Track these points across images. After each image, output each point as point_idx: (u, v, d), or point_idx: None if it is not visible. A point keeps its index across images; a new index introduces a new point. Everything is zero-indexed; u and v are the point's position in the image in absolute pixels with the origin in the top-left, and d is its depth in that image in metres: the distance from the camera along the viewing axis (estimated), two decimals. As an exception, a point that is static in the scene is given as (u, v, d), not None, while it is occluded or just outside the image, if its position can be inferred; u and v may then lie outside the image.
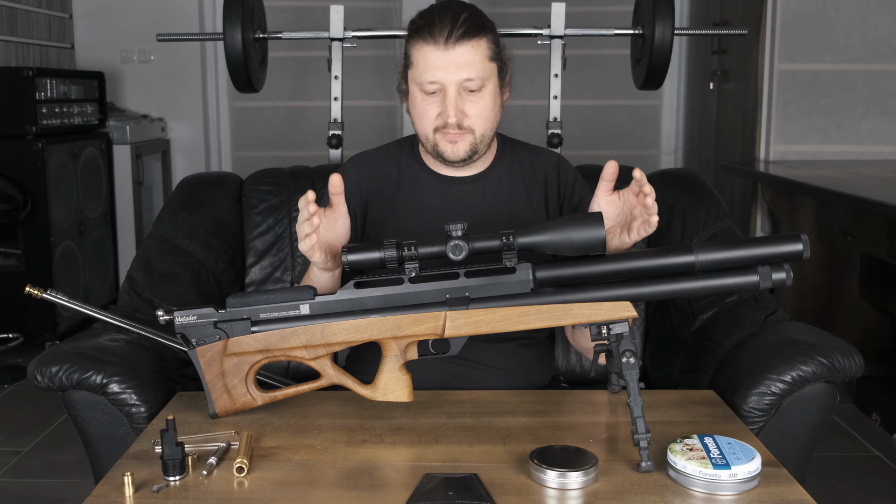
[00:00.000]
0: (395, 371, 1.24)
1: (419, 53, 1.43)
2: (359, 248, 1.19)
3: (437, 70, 1.41)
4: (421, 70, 1.43)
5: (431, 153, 1.50)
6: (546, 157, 1.61)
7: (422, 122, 1.47)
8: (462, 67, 1.41)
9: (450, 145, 1.46)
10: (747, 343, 1.51)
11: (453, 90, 1.42)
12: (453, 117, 1.42)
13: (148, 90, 4.82)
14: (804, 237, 1.15)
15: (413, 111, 1.48)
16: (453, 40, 1.40)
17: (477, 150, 1.47)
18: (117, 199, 4.28)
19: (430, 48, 1.41)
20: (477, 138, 1.46)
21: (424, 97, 1.45)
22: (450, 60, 1.40)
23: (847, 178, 3.31)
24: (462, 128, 1.44)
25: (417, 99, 1.46)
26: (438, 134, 1.46)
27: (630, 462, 1.12)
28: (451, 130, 1.44)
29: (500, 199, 1.54)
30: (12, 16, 4.13)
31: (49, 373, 1.36)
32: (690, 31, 3.04)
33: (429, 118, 1.45)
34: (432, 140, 1.47)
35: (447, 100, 1.42)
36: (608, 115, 5.19)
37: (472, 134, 1.45)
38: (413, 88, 1.46)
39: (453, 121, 1.42)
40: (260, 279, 1.92)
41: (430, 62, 1.41)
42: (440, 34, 1.40)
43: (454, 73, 1.41)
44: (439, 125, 1.44)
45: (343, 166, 1.60)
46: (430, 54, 1.41)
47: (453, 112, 1.42)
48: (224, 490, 1.06)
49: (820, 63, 3.88)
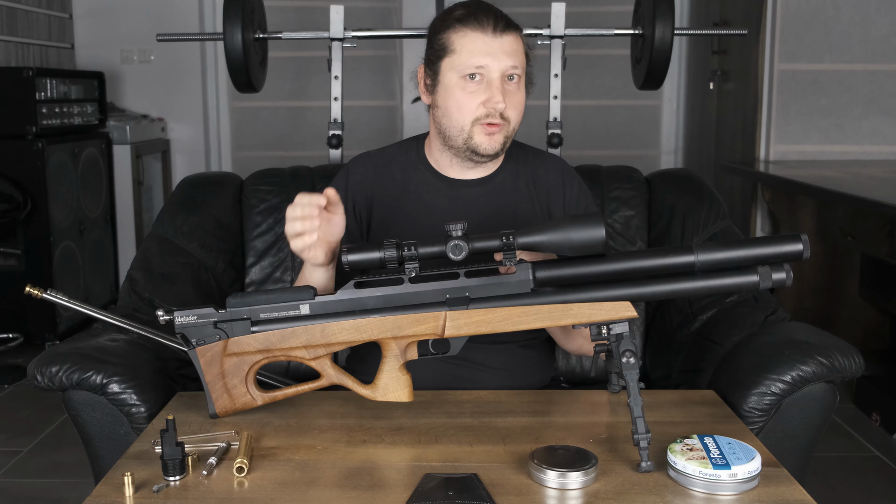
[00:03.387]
0: (395, 371, 1.24)
1: (463, 40, 1.41)
2: (359, 248, 1.19)
3: (484, 56, 1.40)
4: (466, 56, 1.41)
5: (461, 147, 1.46)
6: (551, 164, 1.60)
7: (461, 112, 1.43)
8: (509, 55, 1.41)
9: (487, 138, 1.43)
10: (747, 343, 1.51)
11: (497, 76, 1.41)
12: (501, 102, 1.40)
13: (148, 90, 4.82)
14: (804, 237, 1.15)
15: (448, 101, 1.44)
16: (500, 28, 1.41)
17: (506, 143, 1.47)
18: (117, 199, 4.28)
19: (478, 34, 1.41)
20: (510, 130, 1.45)
21: (466, 85, 1.42)
22: (498, 47, 1.40)
23: (847, 178, 3.32)
24: (502, 117, 1.43)
25: (455, 88, 1.43)
26: (477, 126, 1.43)
27: (630, 462, 1.12)
28: (493, 120, 1.42)
29: (506, 201, 1.54)
30: (12, 16, 4.13)
31: (49, 373, 1.36)
32: (690, 31, 3.04)
33: (470, 107, 1.42)
34: (467, 133, 1.44)
35: (493, 87, 1.40)
36: (608, 115, 5.19)
37: (507, 125, 1.44)
38: (450, 78, 1.43)
39: (502, 106, 1.40)
40: (260, 279, 1.92)
41: (477, 47, 1.40)
42: (487, 22, 1.41)
43: (502, 60, 1.40)
44: (481, 115, 1.42)
45: (346, 166, 1.59)
46: (477, 40, 1.41)
47: (501, 97, 1.40)
48: (224, 490, 1.06)
49: (820, 63, 3.88)
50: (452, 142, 1.46)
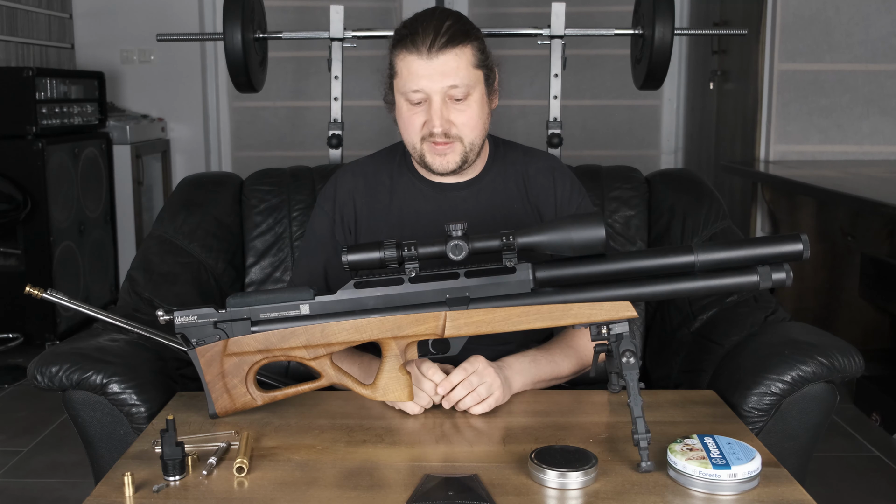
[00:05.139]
0: (395, 371, 1.24)
1: (402, 63, 1.41)
2: (359, 248, 1.19)
3: (420, 79, 1.39)
4: (405, 80, 1.41)
5: (420, 164, 1.49)
6: (542, 162, 1.60)
7: (408, 132, 1.45)
8: (446, 75, 1.39)
9: (438, 157, 1.45)
10: (747, 343, 1.51)
11: (438, 99, 1.40)
12: (438, 126, 1.41)
13: (148, 90, 4.82)
14: (804, 237, 1.15)
15: (399, 122, 1.47)
16: (436, 49, 1.38)
17: (467, 159, 1.46)
18: (117, 199, 4.28)
19: (413, 57, 1.39)
20: (466, 147, 1.45)
21: (410, 107, 1.43)
22: (433, 69, 1.39)
23: (847, 178, 3.31)
24: (449, 137, 1.43)
25: (403, 109, 1.44)
26: (426, 144, 1.44)
27: (630, 462, 1.12)
28: (438, 140, 1.42)
29: (496, 202, 1.54)
30: (12, 16, 4.13)
31: (49, 373, 1.36)
32: (690, 31, 3.03)
33: (414, 128, 1.44)
34: (419, 150, 1.46)
35: (432, 109, 1.41)
36: (608, 115, 5.19)
37: (460, 143, 1.44)
38: (398, 99, 1.45)
39: (438, 130, 1.41)
40: (260, 279, 1.92)
41: (413, 71, 1.40)
42: (422, 43, 1.39)
43: (438, 82, 1.39)
44: (425, 135, 1.43)
45: (334, 176, 1.59)
46: (412, 63, 1.40)
47: (438, 121, 1.40)
48: (224, 490, 1.06)
49: (820, 63, 3.88)
50: (413, 157, 1.49)
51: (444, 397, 1.29)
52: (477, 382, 1.28)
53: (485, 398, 1.29)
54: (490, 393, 1.29)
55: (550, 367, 1.44)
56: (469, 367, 1.29)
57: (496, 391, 1.29)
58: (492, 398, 1.29)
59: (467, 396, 1.28)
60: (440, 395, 1.29)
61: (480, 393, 1.28)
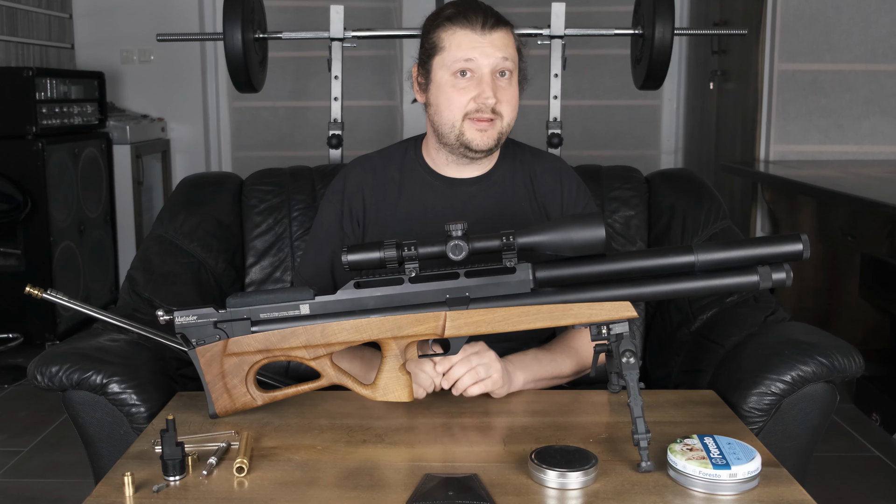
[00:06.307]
0: (395, 371, 1.24)
1: (452, 38, 1.43)
2: (359, 248, 1.19)
3: (473, 50, 1.41)
4: (454, 52, 1.42)
5: (455, 144, 1.47)
6: (549, 163, 1.61)
7: (451, 107, 1.44)
8: (498, 49, 1.42)
9: (479, 133, 1.44)
10: (747, 343, 1.51)
11: (488, 72, 1.42)
12: (492, 97, 1.41)
13: (148, 90, 4.82)
14: (804, 237, 1.15)
15: (439, 98, 1.46)
16: (489, 25, 1.43)
17: (500, 140, 1.47)
18: (117, 199, 4.28)
19: (467, 31, 1.42)
20: (504, 126, 1.46)
21: (455, 81, 1.43)
22: (487, 41, 1.42)
23: (847, 178, 3.31)
24: (494, 112, 1.43)
25: (446, 85, 1.44)
26: (468, 121, 1.44)
27: (630, 462, 1.12)
28: (483, 115, 1.43)
29: (504, 199, 1.54)
30: (12, 16, 4.13)
31: (49, 373, 1.36)
32: (690, 31, 3.03)
33: (460, 103, 1.43)
34: (459, 129, 1.45)
35: (483, 82, 1.42)
36: (608, 115, 5.19)
37: (500, 120, 1.45)
38: (441, 75, 1.45)
39: (492, 101, 1.42)
40: (260, 279, 1.92)
41: (466, 44, 1.42)
42: (475, 20, 1.42)
43: (491, 55, 1.42)
44: (471, 110, 1.43)
45: (344, 169, 1.59)
46: (466, 37, 1.42)
47: (491, 91, 1.42)
48: (224, 490, 1.06)
49: (820, 63, 3.88)
50: (445, 139, 1.47)
51: (444, 376, 1.30)
52: (476, 362, 1.29)
53: (483, 378, 1.29)
54: (489, 374, 1.30)
55: (552, 365, 1.44)
56: (469, 348, 1.30)
57: (494, 373, 1.30)
58: (490, 380, 1.30)
59: (466, 375, 1.29)
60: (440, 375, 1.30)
61: (479, 372, 1.29)
